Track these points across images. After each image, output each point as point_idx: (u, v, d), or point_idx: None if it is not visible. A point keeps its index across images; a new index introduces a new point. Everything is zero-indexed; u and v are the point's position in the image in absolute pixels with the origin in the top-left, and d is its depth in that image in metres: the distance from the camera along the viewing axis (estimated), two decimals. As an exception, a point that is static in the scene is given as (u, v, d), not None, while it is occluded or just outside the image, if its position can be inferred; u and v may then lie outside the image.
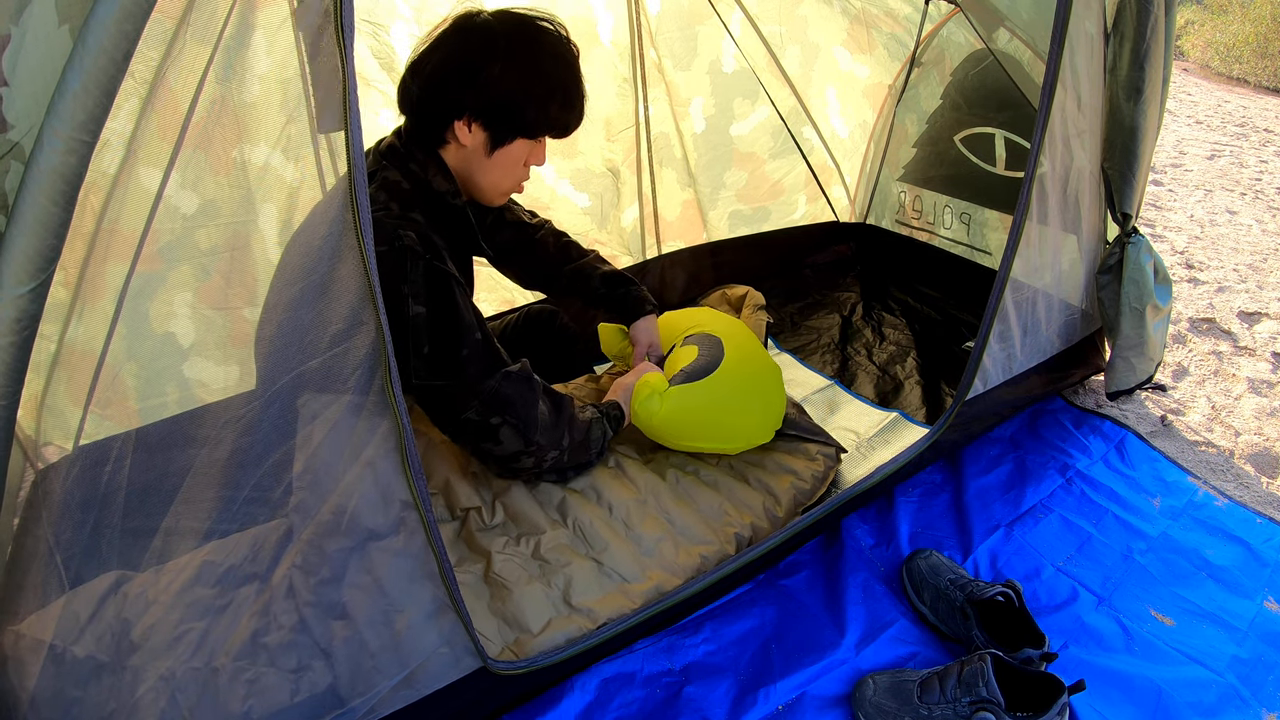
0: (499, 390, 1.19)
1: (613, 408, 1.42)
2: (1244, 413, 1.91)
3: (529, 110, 1.20)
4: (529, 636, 1.13)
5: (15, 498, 0.89)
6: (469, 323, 1.16)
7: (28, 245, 0.65)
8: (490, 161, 1.24)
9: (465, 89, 1.17)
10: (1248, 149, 4.43)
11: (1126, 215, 1.64)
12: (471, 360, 1.16)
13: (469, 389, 1.17)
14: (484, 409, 1.18)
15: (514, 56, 1.16)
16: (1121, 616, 1.34)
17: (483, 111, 1.18)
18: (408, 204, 1.17)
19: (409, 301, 1.10)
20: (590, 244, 2.13)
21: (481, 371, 1.17)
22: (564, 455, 1.31)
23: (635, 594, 1.22)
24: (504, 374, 1.20)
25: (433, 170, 1.22)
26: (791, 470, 1.49)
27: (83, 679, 0.81)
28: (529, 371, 1.24)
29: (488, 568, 1.22)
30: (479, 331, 1.18)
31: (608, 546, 1.28)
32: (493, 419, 1.20)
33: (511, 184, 1.31)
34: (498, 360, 1.21)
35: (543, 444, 1.26)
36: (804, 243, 2.56)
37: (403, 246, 1.10)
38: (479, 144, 1.22)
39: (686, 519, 1.36)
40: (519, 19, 1.19)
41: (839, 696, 1.20)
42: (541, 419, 1.24)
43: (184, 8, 0.72)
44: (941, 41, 2.20)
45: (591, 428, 1.35)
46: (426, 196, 1.21)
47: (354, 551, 0.90)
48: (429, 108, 1.20)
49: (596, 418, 1.37)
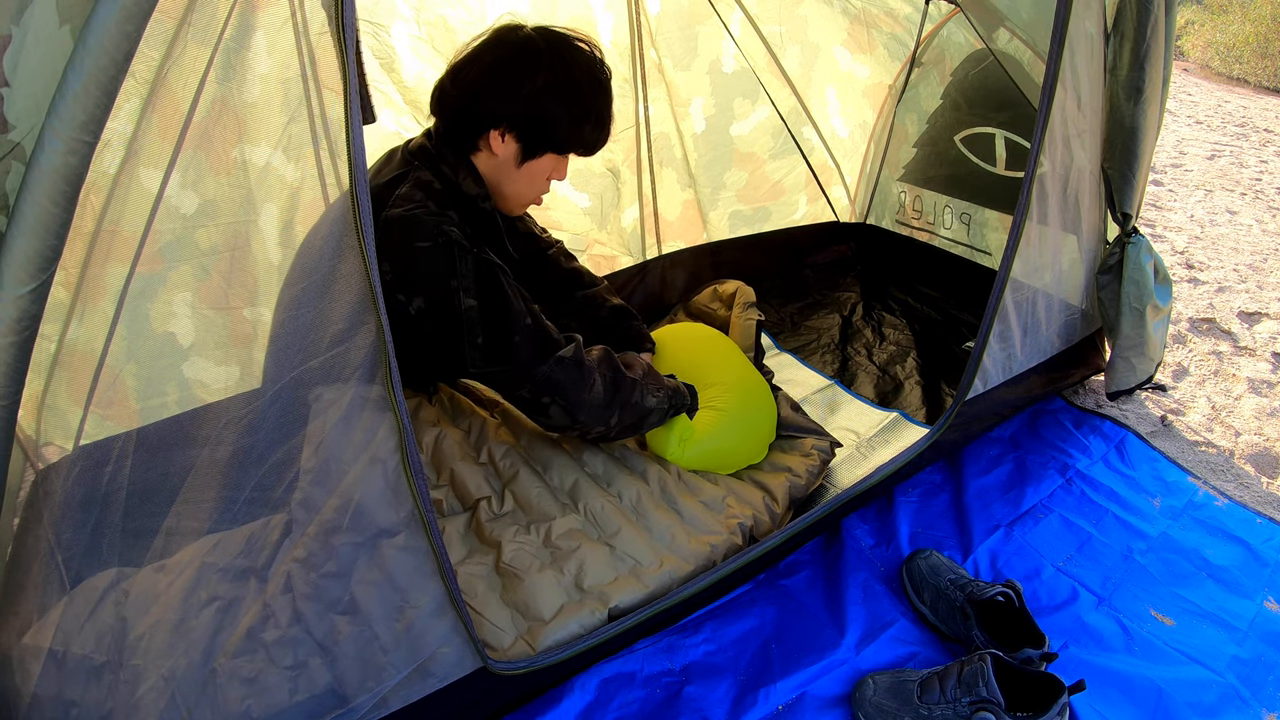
0: (550, 375, 1.23)
1: (681, 399, 1.44)
2: (1244, 413, 1.91)
3: (563, 127, 1.24)
4: (541, 624, 1.14)
5: (15, 498, 0.89)
6: (519, 310, 1.21)
7: (28, 246, 0.65)
8: (519, 172, 1.28)
9: (504, 101, 1.21)
10: (1248, 149, 4.43)
11: (1127, 215, 1.64)
12: (523, 346, 1.21)
13: (522, 373, 1.22)
14: (536, 390, 1.24)
15: (554, 74, 1.20)
16: (1121, 616, 1.34)
17: (518, 124, 1.23)
18: (442, 202, 1.21)
19: (459, 295, 1.15)
20: (590, 244, 2.13)
21: (534, 356, 1.22)
22: (610, 432, 1.36)
23: (649, 578, 1.22)
24: (557, 359, 1.24)
25: (464, 174, 1.26)
26: (787, 468, 1.50)
27: (83, 678, 0.81)
28: (581, 354, 1.28)
29: (498, 558, 1.23)
30: (529, 316, 1.22)
31: (619, 530, 1.29)
32: (544, 399, 1.25)
33: (533, 196, 1.36)
34: (549, 343, 1.25)
35: (588, 423, 1.31)
36: (804, 243, 2.56)
37: (449, 241, 1.15)
38: (510, 155, 1.26)
39: (693, 510, 1.37)
40: (559, 37, 1.23)
41: (839, 696, 1.21)
42: (592, 400, 1.29)
43: (185, 8, 0.72)
44: (941, 41, 2.20)
45: (650, 415, 1.38)
46: (457, 198, 1.25)
47: (362, 546, 0.90)
48: (466, 115, 1.24)
49: (660, 408, 1.39)
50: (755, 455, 1.54)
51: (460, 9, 1.67)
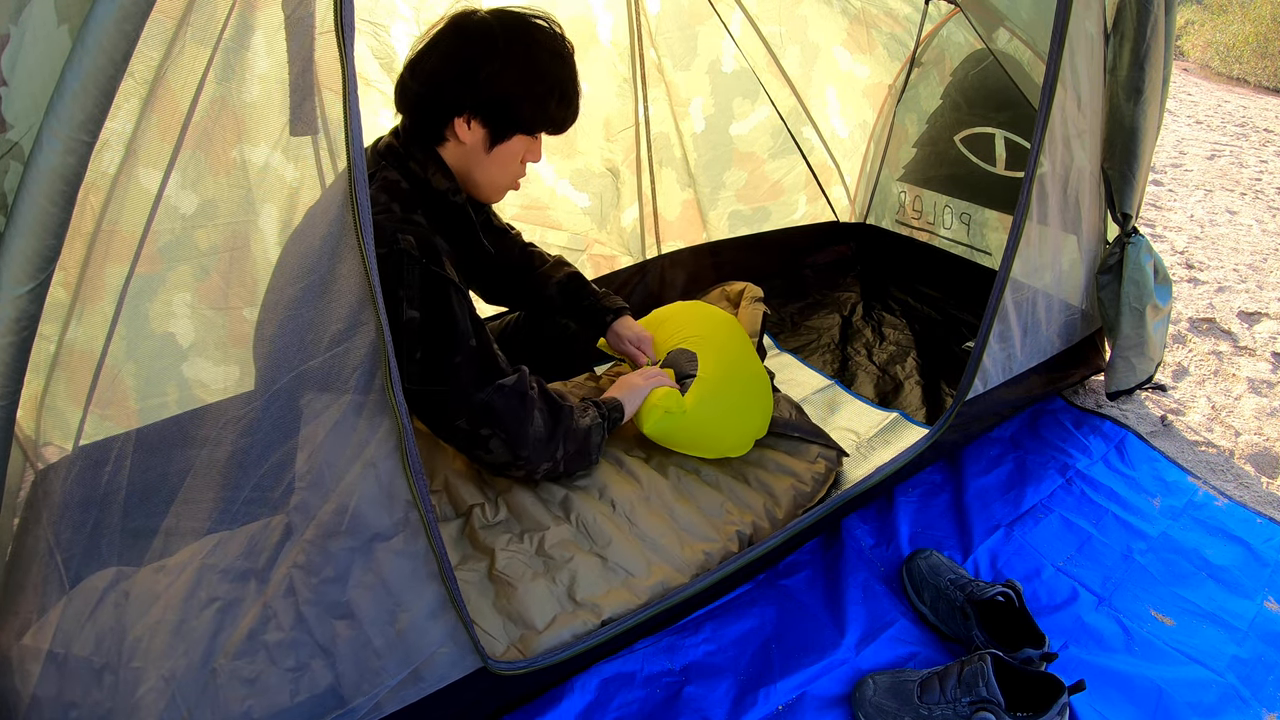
0: (490, 403, 1.19)
1: (613, 408, 1.41)
2: (1244, 413, 1.91)
3: (527, 107, 1.21)
4: (534, 633, 1.13)
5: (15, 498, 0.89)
6: (464, 330, 1.16)
7: (27, 245, 0.65)
8: (489, 158, 1.25)
9: (465, 86, 1.18)
10: (1248, 149, 4.43)
11: (1126, 215, 1.64)
12: (464, 368, 1.16)
13: (459, 398, 1.17)
14: (474, 420, 1.19)
15: (512, 54, 1.17)
16: (1121, 616, 1.34)
17: (482, 108, 1.20)
18: (409, 205, 1.18)
19: (404, 305, 1.11)
20: (589, 244, 2.13)
21: (473, 381, 1.17)
22: (558, 466, 1.31)
23: (641, 589, 1.21)
24: (496, 387, 1.19)
25: (432, 168, 1.23)
26: (792, 472, 1.48)
27: (83, 679, 0.81)
28: (524, 385, 1.23)
29: (491, 565, 1.22)
30: (474, 339, 1.18)
31: (611, 541, 1.28)
32: (482, 430, 1.20)
33: (509, 180, 1.32)
34: (492, 370, 1.20)
35: (532, 458, 1.26)
36: (804, 243, 2.56)
37: (400, 250, 1.11)
38: (478, 141, 1.23)
39: (690, 516, 1.36)
40: (516, 17, 1.20)
41: (839, 696, 1.20)
42: (534, 434, 1.24)
43: (184, 8, 0.72)
44: (941, 41, 2.20)
45: (591, 434, 1.35)
46: (426, 196, 1.22)
47: (358, 551, 0.90)
48: (428, 106, 1.21)
49: (596, 423, 1.36)
50: (739, 444, 1.51)
51: (457, 8, 1.67)
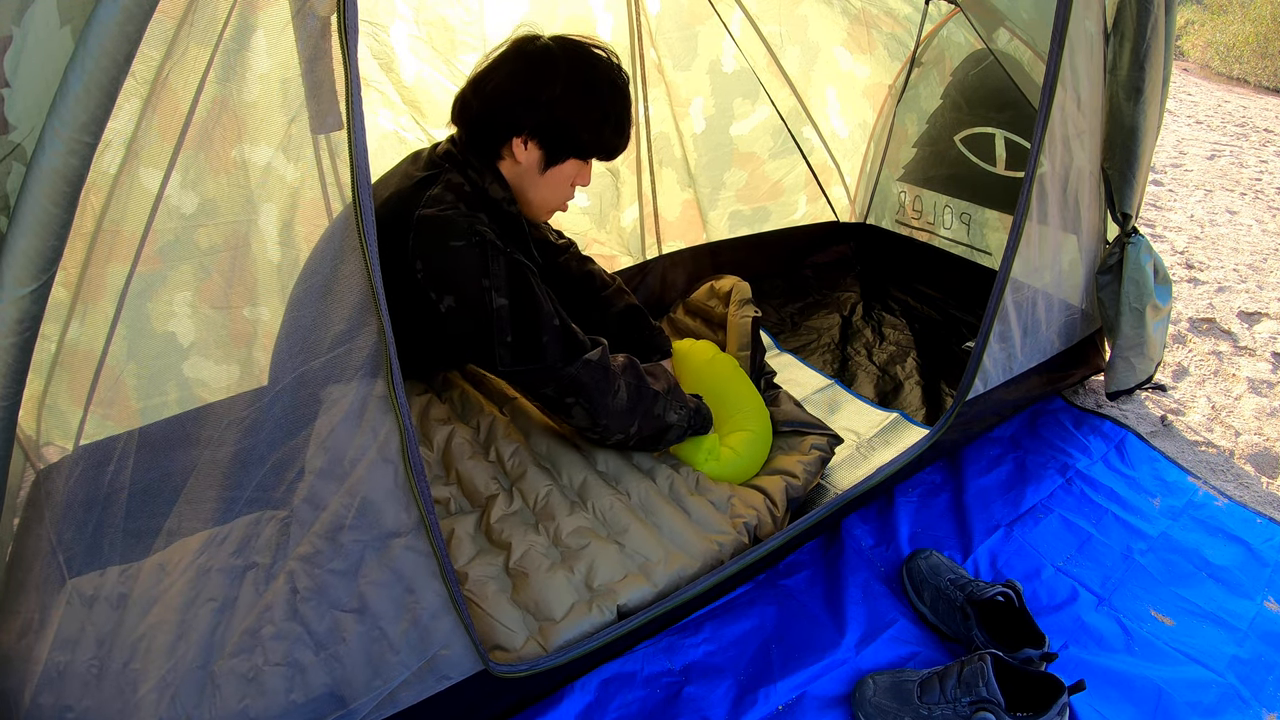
0: (576, 376, 1.26)
1: (706, 420, 1.46)
2: (1244, 413, 1.91)
3: (584, 133, 1.28)
4: (552, 624, 1.14)
5: (16, 498, 0.89)
6: (548, 310, 1.24)
7: (29, 246, 0.65)
8: (543, 179, 1.31)
9: (525, 109, 1.24)
10: (1248, 149, 4.43)
11: (1126, 215, 1.64)
12: (552, 345, 1.24)
13: (549, 373, 1.25)
14: (560, 389, 1.27)
15: (572, 81, 1.24)
16: (1121, 616, 1.34)
17: (540, 131, 1.26)
18: (472, 205, 1.23)
19: (491, 294, 1.18)
20: (589, 244, 2.13)
21: (560, 356, 1.25)
22: (629, 440, 1.38)
23: (658, 575, 1.22)
24: (584, 362, 1.26)
25: (489, 178, 1.29)
26: (783, 471, 1.50)
27: (83, 679, 0.81)
28: (607, 359, 1.30)
29: (508, 559, 1.23)
30: (557, 318, 1.25)
31: (628, 529, 1.29)
32: (567, 399, 1.28)
33: (558, 201, 1.39)
34: (576, 345, 1.28)
35: (611, 426, 1.33)
36: (804, 243, 2.56)
37: (483, 241, 1.18)
38: (534, 161, 1.29)
39: (702, 509, 1.37)
40: (577, 46, 1.26)
41: (839, 696, 1.21)
42: (615, 405, 1.31)
43: (185, 8, 0.72)
44: (941, 41, 2.20)
45: (669, 430, 1.40)
46: (485, 201, 1.27)
47: (369, 545, 0.90)
48: (488, 123, 1.27)
49: (677, 424, 1.40)
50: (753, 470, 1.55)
51: (459, 9, 1.67)
